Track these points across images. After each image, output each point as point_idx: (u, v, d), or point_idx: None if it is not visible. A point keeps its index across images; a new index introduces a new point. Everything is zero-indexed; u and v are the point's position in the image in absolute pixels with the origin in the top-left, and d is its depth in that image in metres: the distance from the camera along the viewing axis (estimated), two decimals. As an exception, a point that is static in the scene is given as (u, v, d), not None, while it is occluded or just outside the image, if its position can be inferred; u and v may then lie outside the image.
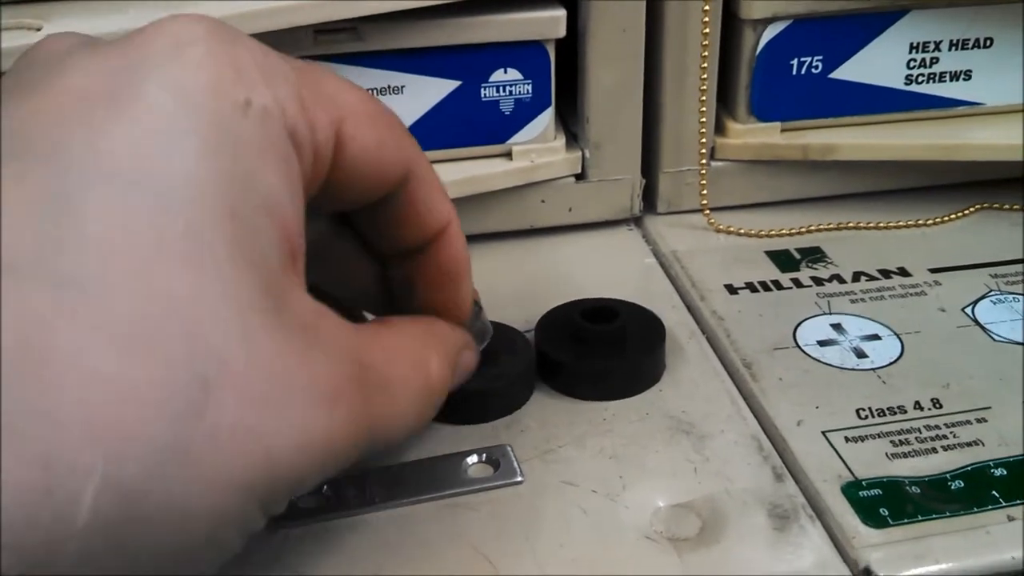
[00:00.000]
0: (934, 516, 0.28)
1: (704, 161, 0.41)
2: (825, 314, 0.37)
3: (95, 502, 0.18)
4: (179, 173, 0.20)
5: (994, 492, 0.29)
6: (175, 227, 0.20)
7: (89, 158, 0.20)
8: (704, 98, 0.40)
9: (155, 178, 0.20)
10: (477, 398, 0.31)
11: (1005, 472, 0.29)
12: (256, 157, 0.21)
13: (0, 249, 0.18)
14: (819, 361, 0.34)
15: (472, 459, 0.30)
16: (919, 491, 0.29)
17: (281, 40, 0.31)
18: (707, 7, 0.39)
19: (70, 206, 0.19)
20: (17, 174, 0.19)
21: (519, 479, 0.29)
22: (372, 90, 0.38)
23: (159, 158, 0.20)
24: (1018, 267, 0.39)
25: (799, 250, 0.41)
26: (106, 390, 0.18)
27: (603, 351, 0.33)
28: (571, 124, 0.42)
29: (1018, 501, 0.28)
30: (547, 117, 0.40)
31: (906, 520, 0.28)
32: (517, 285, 0.39)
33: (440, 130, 0.39)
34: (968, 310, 0.37)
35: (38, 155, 0.20)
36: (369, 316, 0.31)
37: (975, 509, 0.28)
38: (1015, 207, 0.43)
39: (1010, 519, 0.28)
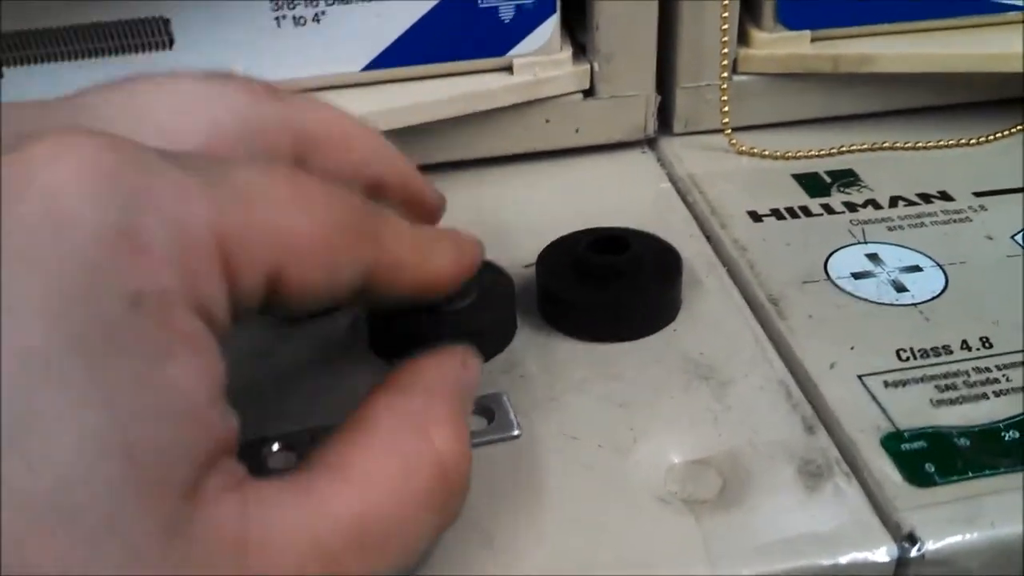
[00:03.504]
0: (987, 472, 0.25)
1: (725, 75, 0.38)
2: (860, 243, 0.33)
3: None
4: (49, 414, 0.16)
5: (1054, 444, 0.25)
6: (39, 486, 0.15)
7: None
8: (726, 3, 0.36)
9: (16, 428, 0.15)
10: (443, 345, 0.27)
11: (1066, 421, 0.26)
12: (156, 361, 0.17)
13: None
14: (853, 296, 0.31)
15: (464, 409, 0.27)
16: (969, 443, 0.25)
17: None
18: (730, -101, 0.35)
19: None
20: None
21: (516, 433, 0.26)
22: (355, -4, 0.34)
23: (30, 409, 0.15)
24: (1073, 190, 0.36)
25: (829, 173, 0.37)
26: None
27: (612, 285, 0.29)
28: (578, 34, 0.39)
29: (1083, 455, 0.25)
30: (551, 25, 0.36)
31: (955, 477, 0.24)
32: (518, 214, 0.35)
33: (433, 41, 0.36)
34: (1018, 238, 0.33)
35: None
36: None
37: (1033, 464, 0.25)
38: (1068, 124, 0.40)
39: (1073, 475, 0.24)
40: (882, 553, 0.23)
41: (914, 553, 0.23)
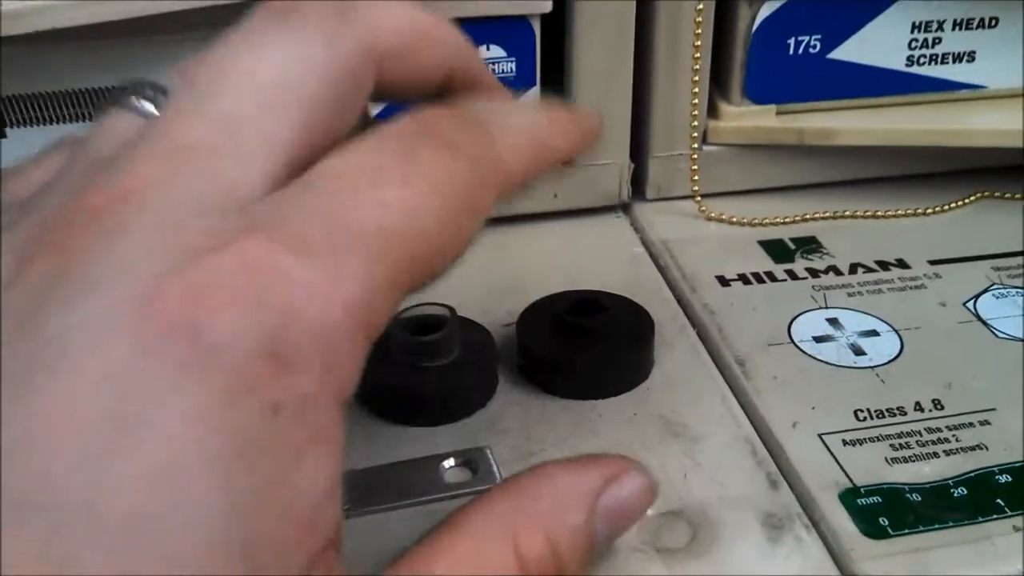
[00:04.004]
0: (936, 527, 0.26)
1: (696, 145, 0.40)
2: (821, 308, 0.35)
3: None
4: (179, 517, 0.16)
5: (999, 500, 0.27)
6: None
7: (87, 514, 0.16)
8: (697, 78, 0.39)
9: (158, 538, 0.16)
10: (428, 399, 0.30)
11: (1010, 479, 0.28)
12: (287, 464, 0.17)
13: None
14: (815, 358, 0.32)
15: (449, 462, 0.28)
16: (920, 499, 0.27)
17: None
18: (701, -17, 0.37)
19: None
20: (15, 531, 0.16)
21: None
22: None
23: (162, 514, 0.16)
24: (1021, 259, 0.38)
25: (794, 240, 0.39)
26: None
27: (588, 346, 0.31)
28: (557, 105, 0.40)
29: (1025, 511, 0.27)
30: (532, 97, 0.38)
31: (907, 531, 0.26)
32: (498, 276, 0.37)
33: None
34: (969, 305, 0.35)
35: (38, 507, 0.16)
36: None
37: (979, 519, 0.27)
38: (1017, 196, 0.42)
39: (1016, 529, 0.26)
40: (839, 601, 0.25)
41: (869, 601, 0.25)
